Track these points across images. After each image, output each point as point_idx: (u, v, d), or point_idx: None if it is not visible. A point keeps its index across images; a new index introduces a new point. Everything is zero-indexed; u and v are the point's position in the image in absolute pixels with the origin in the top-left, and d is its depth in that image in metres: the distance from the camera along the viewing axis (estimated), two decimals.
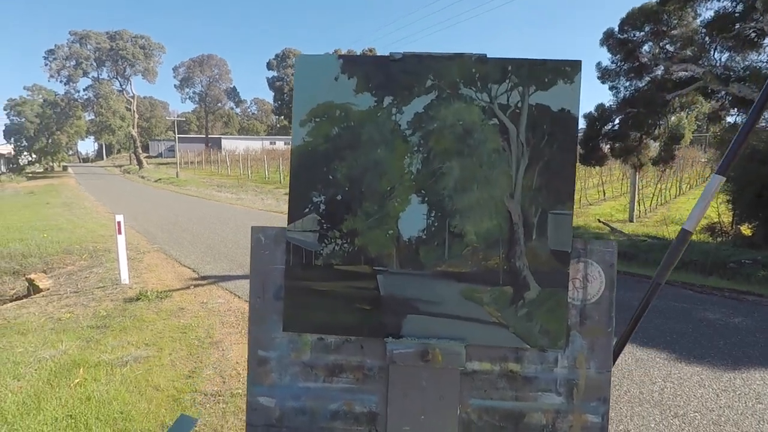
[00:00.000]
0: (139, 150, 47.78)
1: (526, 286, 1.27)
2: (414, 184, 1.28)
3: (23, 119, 48.67)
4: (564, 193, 1.25)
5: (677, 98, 10.26)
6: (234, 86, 69.20)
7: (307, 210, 1.29)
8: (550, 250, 1.26)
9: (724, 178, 1.20)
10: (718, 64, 9.59)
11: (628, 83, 10.87)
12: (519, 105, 1.26)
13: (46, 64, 45.76)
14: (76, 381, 3.69)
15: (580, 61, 1.24)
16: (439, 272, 1.28)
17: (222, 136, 62.79)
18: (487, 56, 1.26)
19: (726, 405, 3.40)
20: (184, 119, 65.25)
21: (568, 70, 1.24)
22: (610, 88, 11.05)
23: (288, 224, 1.30)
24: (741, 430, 3.10)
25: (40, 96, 49.46)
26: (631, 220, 15.48)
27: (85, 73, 46.96)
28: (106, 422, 3.08)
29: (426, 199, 1.28)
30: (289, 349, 1.32)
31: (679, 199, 21.13)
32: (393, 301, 1.28)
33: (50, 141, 48.51)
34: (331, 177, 1.29)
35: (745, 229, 9.96)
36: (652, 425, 3.16)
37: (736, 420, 3.20)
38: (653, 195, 18.61)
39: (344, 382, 1.31)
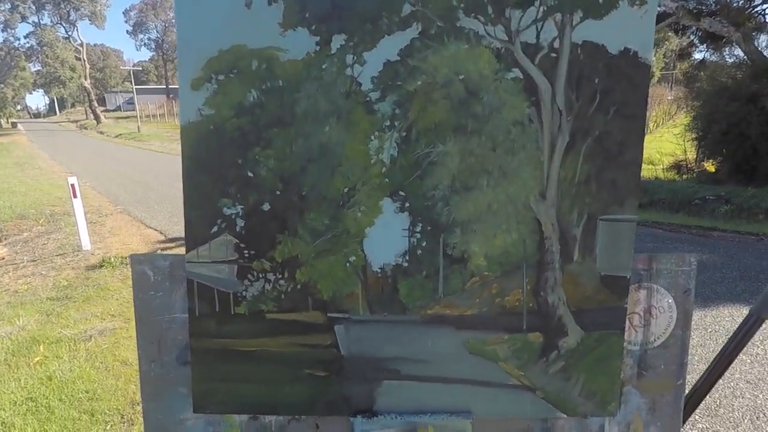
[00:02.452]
0: (95, 103, 44.62)
1: (562, 331, 0.83)
2: (387, 183, 0.79)
3: None
4: (625, 188, 0.79)
5: None
6: None
7: (215, 229, 0.80)
8: (599, 276, 0.82)
9: None
10: None
11: None
12: (555, 45, 0.76)
13: None
14: (36, 359, 3.47)
15: None
16: (431, 317, 0.82)
17: None
18: None
19: (698, 344, 3.41)
20: (141, 69, 61.17)
21: None
22: None
23: (187, 252, 0.81)
24: None
25: None
26: None
27: (24, 18, 42.68)
28: (71, 403, 2.88)
29: (407, 205, 0.80)
30: None
31: (647, 138, 21.46)
32: (360, 362, 0.83)
33: None
34: (250, 174, 0.79)
35: (709, 166, 10.34)
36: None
37: (708, 358, 3.24)
38: None
39: None
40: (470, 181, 0.79)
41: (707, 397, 2.69)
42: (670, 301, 0.86)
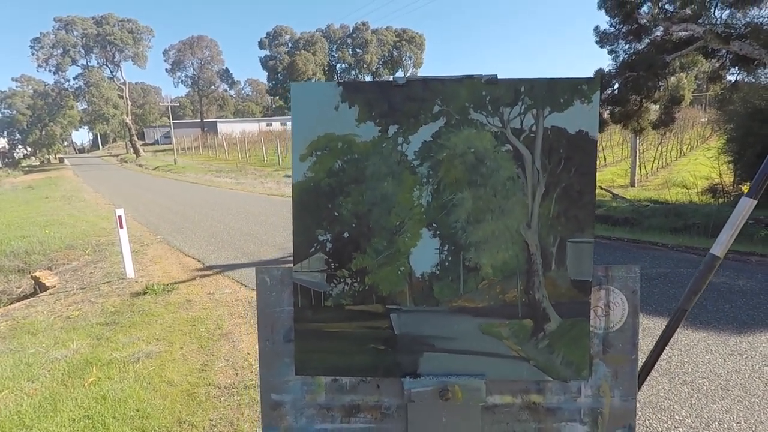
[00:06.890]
0: (135, 138, 47.31)
1: (546, 318, 1.21)
2: (424, 218, 1.21)
3: (14, 111, 48.02)
4: (583, 220, 1.18)
5: (677, 59, 10.10)
6: (226, 67, 68.11)
7: (312, 249, 1.23)
8: (570, 280, 1.20)
9: (755, 201, 1.12)
10: (718, 22, 9.46)
11: (627, 46, 10.71)
12: (533, 129, 1.17)
13: (33, 54, 44.94)
14: (90, 380, 3.71)
15: (599, 78, 1.15)
16: (455, 308, 1.22)
17: (217, 119, 62.06)
18: (498, 77, 1.17)
19: (733, 369, 3.42)
20: (178, 104, 64.41)
21: (585, 88, 1.15)
22: (609, 52, 10.86)
23: (294, 264, 1.24)
24: (749, 394, 3.11)
25: (30, 87, 48.66)
26: (632, 185, 15.43)
27: (74, 61, 46.11)
28: (123, 421, 3.11)
29: (438, 232, 1.21)
30: (303, 391, 1.28)
31: (681, 161, 20.97)
32: (408, 339, 1.23)
33: (44, 133, 48.03)
34: (336, 214, 1.22)
35: (747, 189, 9.91)
36: (662, 394, 3.18)
37: (743, 384, 3.23)
38: (654, 158, 18.40)
39: (362, 422, 1.28)
40: (480, 216, 1.20)
41: (750, 420, 2.74)
42: (622, 298, 1.23)
